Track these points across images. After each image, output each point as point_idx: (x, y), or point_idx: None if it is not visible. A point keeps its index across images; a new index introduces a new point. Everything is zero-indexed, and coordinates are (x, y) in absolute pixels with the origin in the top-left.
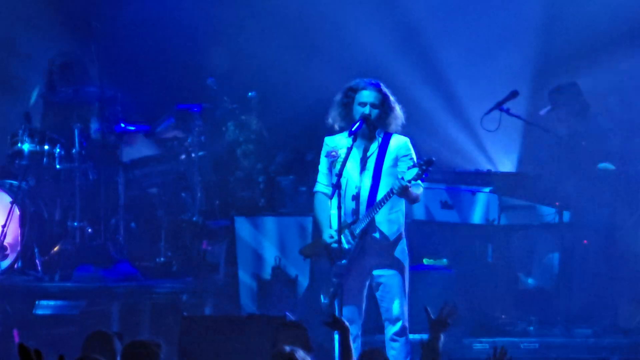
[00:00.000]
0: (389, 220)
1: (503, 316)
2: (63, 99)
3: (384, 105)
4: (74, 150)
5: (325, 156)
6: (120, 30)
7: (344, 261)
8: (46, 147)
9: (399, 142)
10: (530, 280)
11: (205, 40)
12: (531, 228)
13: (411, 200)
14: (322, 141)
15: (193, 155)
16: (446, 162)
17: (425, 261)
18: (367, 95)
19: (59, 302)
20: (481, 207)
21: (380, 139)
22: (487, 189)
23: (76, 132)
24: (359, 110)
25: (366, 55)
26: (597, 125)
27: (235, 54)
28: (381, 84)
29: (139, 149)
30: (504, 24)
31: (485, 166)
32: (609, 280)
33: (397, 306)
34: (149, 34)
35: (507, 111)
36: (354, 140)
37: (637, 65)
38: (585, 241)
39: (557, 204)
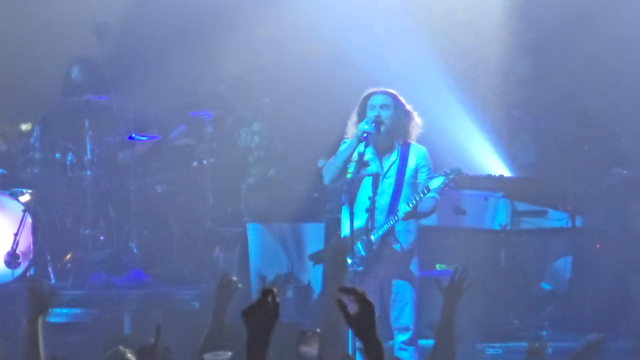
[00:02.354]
0: (407, 230)
1: (516, 321)
2: (75, 107)
3: (397, 110)
4: (85, 159)
5: (356, 137)
6: (131, 38)
7: (360, 268)
8: (58, 155)
9: (418, 152)
10: (546, 286)
11: (216, 47)
12: (543, 233)
13: (430, 211)
14: (334, 148)
15: (205, 162)
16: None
17: (438, 267)
18: (377, 99)
19: (71, 310)
20: (493, 212)
21: (400, 148)
22: (499, 194)
23: (88, 140)
24: (370, 116)
25: (379, 60)
26: (603, 128)
27: (247, 61)
28: (394, 92)
29: (151, 156)
30: (516, 26)
31: (497, 171)
32: (622, 285)
33: (407, 315)
34: (160, 41)
35: (519, 116)
36: (366, 145)
37: None
38: (597, 246)
39: (569, 208)
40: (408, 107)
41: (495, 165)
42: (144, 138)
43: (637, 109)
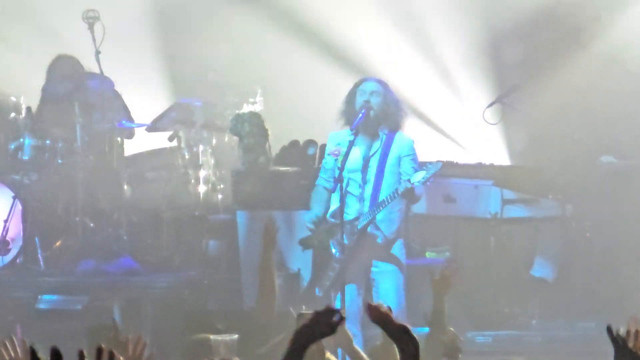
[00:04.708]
0: (390, 219)
1: (506, 309)
2: (65, 93)
3: (386, 97)
4: (75, 145)
5: (329, 153)
6: (122, 23)
7: (337, 255)
8: (48, 141)
9: (402, 142)
10: (536, 274)
11: (206, 34)
12: (533, 221)
13: (413, 201)
14: (325, 135)
15: (195, 149)
16: (448, 155)
17: (428, 255)
18: (367, 86)
19: (61, 297)
20: (483, 200)
21: (384, 137)
22: (489, 182)
23: (77, 126)
24: (359, 101)
25: (370, 48)
26: (594, 117)
27: (237, 48)
28: (384, 81)
29: (141, 143)
30: (507, 16)
31: (487, 159)
32: (612, 274)
33: (392, 302)
34: (151, 27)
35: (509, 104)
36: (355, 135)
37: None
38: (587, 235)
39: (559, 197)
40: (395, 94)
41: (485, 153)
42: (133, 125)
43: (627, 96)
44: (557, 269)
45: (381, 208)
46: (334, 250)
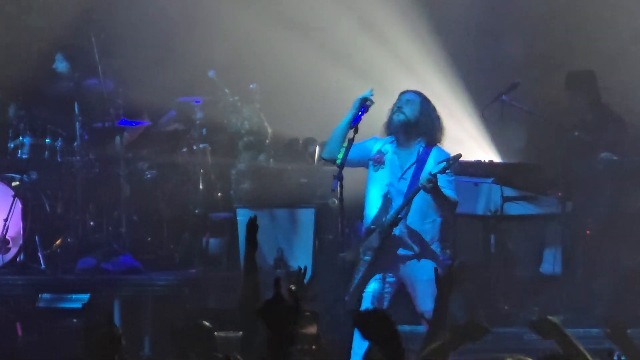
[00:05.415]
0: (422, 230)
1: (506, 307)
2: (65, 92)
3: (422, 108)
4: (75, 144)
5: (370, 159)
6: (121, 23)
7: (367, 257)
8: (48, 140)
9: (438, 156)
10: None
11: (206, 32)
12: (534, 218)
13: (445, 206)
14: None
15: (194, 147)
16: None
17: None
18: (406, 95)
19: (61, 296)
20: (483, 197)
21: (421, 149)
22: (489, 180)
23: (77, 125)
24: (394, 108)
25: (367, 46)
26: (597, 114)
27: (237, 46)
28: (425, 95)
29: (141, 142)
30: (506, 13)
31: (487, 157)
32: (612, 271)
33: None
34: (150, 26)
35: (509, 102)
36: (355, 132)
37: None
38: (587, 232)
39: (559, 194)
40: (433, 106)
41: (485, 151)
42: (133, 124)
43: (628, 95)
44: (558, 266)
45: (404, 207)
46: (362, 253)
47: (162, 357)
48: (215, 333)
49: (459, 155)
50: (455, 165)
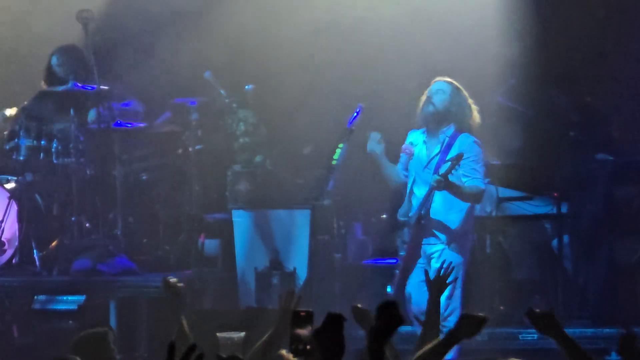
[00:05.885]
0: (447, 220)
1: (501, 307)
2: (60, 94)
3: (452, 97)
4: (71, 145)
5: (403, 150)
6: (116, 25)
7: (402, 252)
8: (43, 142)
9: (463, 143)
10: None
11: (202, 33)
12: (529, 219)
13: (465, 198)
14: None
15: (190, 149)
16: None
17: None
18: (437, 84)
19: (57, 297)
20: None
21: (446, 139)
22: (485, 181)
23: (73, 126)
24: (424, 100)
25: (362, 45)
26: (590, 114)
27: (233, 47)
28: (457, 83)
29: (136, 143)
30: (495, 12)
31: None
32: (607, 271)
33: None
34: (145, 27)
35: (504, 102)
36: (350, 132)
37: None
38: (583, 232)
39: (555, 194)
40: (465, 94)
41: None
42: (129, 125)
43: (624, 95)
44: (553, 267)
45: (427, 205)
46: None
47: (157, 358)
48: (218, 334)
49: (461, 155)
50: (458, 162)
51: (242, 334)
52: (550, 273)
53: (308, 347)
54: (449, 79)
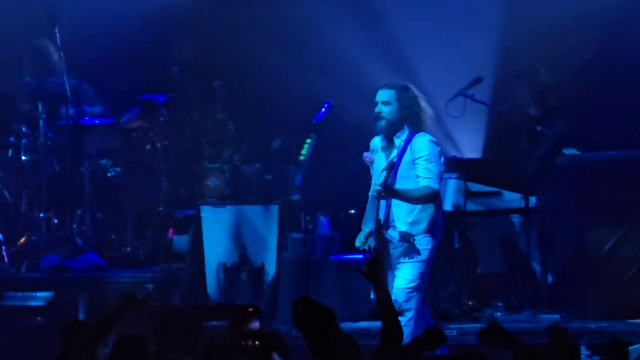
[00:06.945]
0: (407, 222)
1: (470, 302)
2: (28, 90)
3: (399, 103)
4: (39, 142)
5: (363, 158)
6: (84, 20)
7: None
8: (12, 138)
9: (416, 144)
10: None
11: (169, 29)
12: (497, 214)
13: (415, 201)
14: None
15: (158, 145)
16: None
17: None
18: (379, 95)
19: (26, 293)
20: (447, 193)
21: (402, 142)
22: (453, 175)
23: (41, 123)
24: (375, 118)
25: (330, 42)
26: (555, 110)
27: (200, 43)
28: (397, 84)
29: (104, 139)
30: (468, 9)
31: (450, 152)
32: (576, 264)
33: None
34: (113, 23)
35: (472, 97)
36: (318, 128)
37: (602, 49)
38: (551, 227)
39: (522, 189)
40: (412, 94)
41: (448, 146)
42: (97, 121)
43: (591, 87)
44: (521, 261)
45: (386, 211)
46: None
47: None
48: (204, 323)
49: (392, 164)
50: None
51: (225, 322)
52: (519, 267)
53: (257, 342)
54: (390, 83)
